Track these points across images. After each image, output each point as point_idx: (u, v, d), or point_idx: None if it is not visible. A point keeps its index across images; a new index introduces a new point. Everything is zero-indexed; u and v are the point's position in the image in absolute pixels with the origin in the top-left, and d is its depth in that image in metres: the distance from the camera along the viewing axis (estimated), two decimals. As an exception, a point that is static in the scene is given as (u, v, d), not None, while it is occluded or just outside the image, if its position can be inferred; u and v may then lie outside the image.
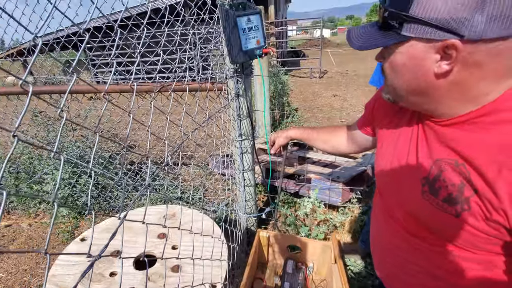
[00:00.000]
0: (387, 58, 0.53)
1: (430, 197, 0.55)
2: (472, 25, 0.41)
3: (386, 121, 0.71)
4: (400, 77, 0.53)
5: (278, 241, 1.29)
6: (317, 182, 2.03)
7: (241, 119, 1.46)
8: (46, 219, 2.45)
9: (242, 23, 1.16)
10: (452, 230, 0.54)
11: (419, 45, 0.47)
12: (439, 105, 0.52)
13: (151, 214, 1.39)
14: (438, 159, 0.54)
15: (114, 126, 2.55)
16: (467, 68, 0.45)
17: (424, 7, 0.44)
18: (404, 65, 0.51)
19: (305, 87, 7.24)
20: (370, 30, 0.53)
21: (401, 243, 0.66)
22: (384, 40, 0.50)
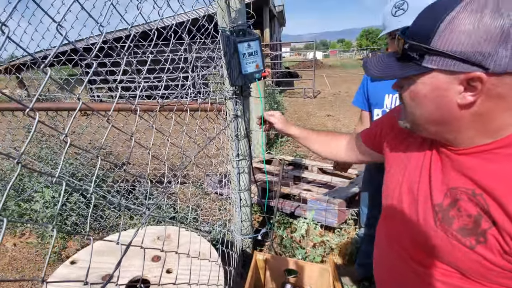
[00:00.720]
0: (406, 87, 0.53)
1: (443, 226, 0.53)
2: (496, 59, 0.42)
3: (396, 144, 0.69)
4: (421, 107, 0.52)
5: (275, 264, 1.27)
6: (313, 203, 2.03)
7: (238, 140, 1.48)
8: (32, 238, 2.35)
9: (243, 48, 1.21)
10: (464, 262, 0.52)
11: (441, 77, 0.47)
12: (459, 135, 0.52)
13: (140, 235, 1.36)
14: (453, 187, 0.53)
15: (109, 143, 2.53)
16: (491, 99, 0.45)
17: (447, 40, 0.44)
18: (425, 96, 0.50)
19: (299, 106, 7.39)
20: (388, 59, 0.53)
21: (405, 271, 0.64)
22: (403, 71, 0.50)
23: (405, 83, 0.53)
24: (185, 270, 1.03)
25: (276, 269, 1.27)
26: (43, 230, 2.20)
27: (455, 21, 0.43)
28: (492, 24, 0.41)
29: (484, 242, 0.48)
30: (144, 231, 1.29)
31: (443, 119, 0.51)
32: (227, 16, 1.29)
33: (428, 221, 0.56)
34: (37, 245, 2.23)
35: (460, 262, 0.53)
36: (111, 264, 1.13)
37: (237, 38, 1.20)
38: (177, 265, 1.12)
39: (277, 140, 4.24)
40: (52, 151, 2.25)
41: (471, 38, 0.42)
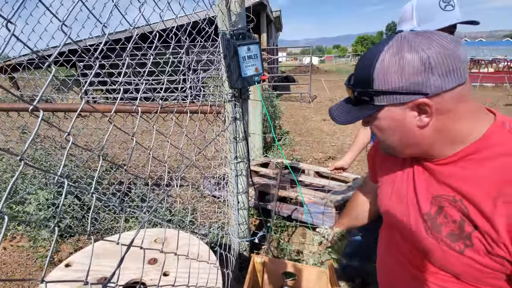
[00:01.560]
0: (372, 122, 0.60)
1: (434, 234, 0.57)
2: (429, 84, 0.49)
3: (384, 161, 0.76)
4: (389, 137, 0.59)
5: (273, 267, 1.26)
6: (310, 206, 2.03)
7: (237, 142, 1.48)
8: (23, 242, 2.29)
9: (243, 51, 1.22)
10: (457, 266, 0.55)
11: (394, 109, 0.54)
12: (431, 150, 0.57)
13: (137, 237, 1.34)
14: (437, 195, 0.57)
15: (106, 145, 2.51)
16: (443, 115, 0.51)
17: (384, 81, 0.52)
18: (389, 127, 0.57)
19: (295, 110, 7.43)
20: (347, 106, 0.61)
21: (406, 277, 0.67)
22: (362, 113, 0.58)
23: (370, 120, 0.59)
24: (183, 272, 1.02)
25: (274, 272, 1.26)
26: (35, 233, 2.16)
27: (384, 65, 0.51)
28: (413, 59, 0.49)
29: (471, 245, 0.51)
30: (143, 233, 1.28)
31: (412, 142, 0.57)
32: (227, 20, 1.30)
33: (420, 230, 0.60)
34: (28, 249, 2.18)
35: (454, 267, 0.55)
36: (107, 267, 1.12)
37: (237, 41, 1.21)
38: (173, 267, 1.11)
39: (274, 143, 4.25)
40: (47, 153, 2.22)
41: (402, 74, 0.50)
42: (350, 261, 1.65)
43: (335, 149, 4.36)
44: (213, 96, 1.37)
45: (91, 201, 2.10)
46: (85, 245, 2.24)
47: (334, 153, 4.11)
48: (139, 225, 0.60)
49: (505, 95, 9.25)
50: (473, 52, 19.17)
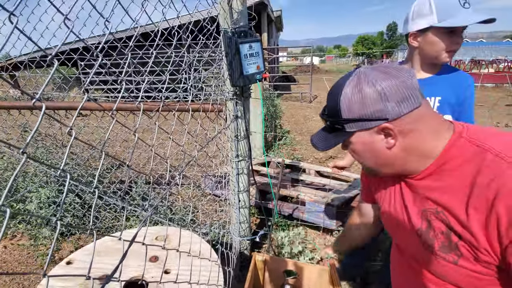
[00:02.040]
0: (348, 147, 0.66)
1: (428, 248, 0.60)
2: (388, 111, 0.55)
3: (379, 185, 0.81)
4: (364, 158, 0.65)
5: (274, 265, 1.26)
6: (311, 205, 2.03)
7: (238, 140, 1.48)
8: (24, 240, 2.29)
9: (244, 49, 1.22)
10: (457, 277, 0.56)
11: (362, 134, 0.60)
12: (405, 167, 0.62)
13: (139, 235, 1.34)
14: (423, 210, 0.61)
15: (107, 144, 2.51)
16: (407, 135, 0.57)
17: (348, 111, 0.58)
18: (362, 150, 0.63)
19: (296, 110, 7.42)
20: (324, 133, 0.69)
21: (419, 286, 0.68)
22: (337, 139, 0.65)
23: (346, 144, 0.66)
24: (184, 270, 1.02)
25: (275, 270, 1.26)
26: (36, 232, 2.16)
27: (347, 97, 0.58)
28: (370, 91, 0.55)
29: (461, 255, 0.54)
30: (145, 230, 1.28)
31: (385, 162, 0.62)
32: (229, 18, 1.30)
33: (418, 246, 0.63)
34: (29, 247, 2.18)
35: (454, 278, 0.57)
36: (108, 264, 1.11)
37: (239, 39, 1.21)
38: (174, 265, 1.11)
39: (274, 142, 4.24)
40: (48, 151, 2.22)
41: (363, 104, 0.57)
42: (351, 260, 1.64)
43: (335, 148, 4.35)
44: (214, 94, 1.36)
45: (92, 200, 2.10)
46: (86, 243, 2.24)
47: (335, 153, 4.10)
48: (141, 223, 0.60)
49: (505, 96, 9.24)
50: (473, 53, 19.15)
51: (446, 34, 1.03)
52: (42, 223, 2.09)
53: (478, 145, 0.54)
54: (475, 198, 0.50)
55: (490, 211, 0.47)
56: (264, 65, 1.33)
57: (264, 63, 1.35)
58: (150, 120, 2.02)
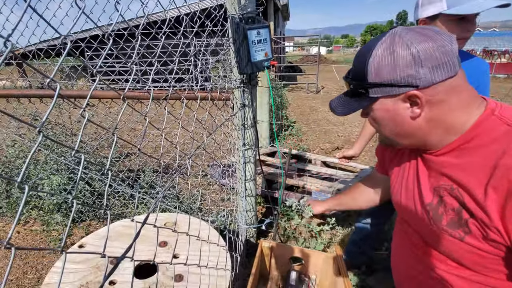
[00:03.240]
0: (368, 114, 0.63)
1: (436, 224, 0.59)
2: (420, 77, 0.51)
3: (394, 158, 0.78)
4: (384, 127, 0.62)
5: (280, 252, 1.28)
6: (317, 194, 2.03)
7: (245, 129, 1.48)
8: (36, 226, 2.37)
9: (252, 35, 1.20)
10: (460, 254, 0.57)
11: (387, 101, 0.57)
12: (427, 141, 0.59)
13: (152, 222, 1.37)
14: (436, 186, 0.60)
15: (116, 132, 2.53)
16: (435, 106, 0.54)
17: (376, 74, 0.55)
18: (383, 118, 0.60)
19: (302, 101, 7.35)
20: (345, 98, 0.64)
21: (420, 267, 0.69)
22: (358, 104, 0.61)
23: (367, 111, 0.63)
24: (192, 255, 1.04)
25: (281, 257, 1.28)
26: (48, 217, 2.22)
27: (376, 59, 0.54)
28: (404, 54, 0.51)
29: (470, 232, 0.53)
30: (155, 216, 1.30)
31: (406, 132, 0.59)
32: (236, 3, 1.27)
33: (424, 221, 0.62)
34: (41, 233, 2.25)
35: (457, 254, 0.57)
36: (119, 248, 1.15)
37: (247, 25, 1.19)
38: (183, 250, 1.13)
39: (280, 133, 4.23)
40: (58, 139, 2.26)
41: (393, 68, 0.53)
42: (357, 248, 1.66)
43: (342, 139, 4.32)
44: (222, 82, 1.36)
45: (101, 186, 2.15)
46: (96, 229, 2.30)
47: (341, 144, 4.08)
48: (153, 204, 0.61)
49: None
50: (486, 43, 18.57)
51: (456, 21, 0.99)
52: (54, 209, 2.14)
53: (509, 124, 0.51)
54: (497, 179, 0.48)
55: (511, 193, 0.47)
56: (272, 52, 1.31)
57: (273, 50, 1.33)
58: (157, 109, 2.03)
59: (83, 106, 0.50)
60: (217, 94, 1.26)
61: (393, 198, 0.77)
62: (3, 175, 0.35)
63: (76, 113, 2.35)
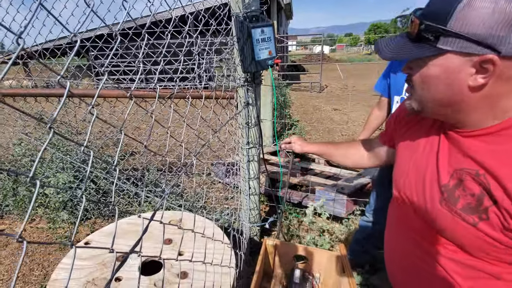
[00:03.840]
0: (416, 69, 0.54)
1: (449, 205, 0.56)
2: (509, 42, 0.43)
3: (406, 131, 0.72)
4: (431, 89, 0.53)
5: (284, 250, 1.28)
6: (321, 193, 2.03)
7: (249, 127, 1.48)
8: (42, 224, 2.40)
9: (256, 34, 1.20)
10: (467, 238, 0.55)
11: (455, 58, 0.48)
12: (467, 117, 0.53)
13: (157, 219, 1.38)
14: (459, 169, 0.55)
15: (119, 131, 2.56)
16: (501, 82, 0.47)
17: (463, 22, 0.45)
18: (437, 78, 0.51)
19: (305, 100, 7.34)
20: (401, 40, 0.54)
21: (416, 251, 0.67)
22: (417, 51, 0.51)
23: (415, 65, 0.54)
24: (197, 252, 1.05)
25: (285, 255, 1.28)
26: (54, 215, 2.25)
27: (472, 4, 0.44)
28: (507, 8, 0.42)
29: (487, 219, 0.51)
30: (161, 214, 1.31)
31: (452, 101, 0.52)
32: (240, 2, 1.28)
33: (434, 201, 0.59)
34: (47, 230, 2.28)
35: (463, 238, 0.55)
36: (124, 245, 1.16)
37: (251, 24, 1.19)
38: (188, 248, 1.14)
39: (283, 132, 4.23)
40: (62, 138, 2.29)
41: (487, 21, 0.43)
42: (360, 247, 1.66)
43: (345, 138, 4.31)
44: (226, 80, 1.36)
45: (106, 185, 2.17)
46: (101, 227, 2.33)
47: (345, 143, 4.06)
48: (159, 201, 0.61)
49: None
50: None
51: None
52: (60, 207, 2.17)
53: None
54: None
55: None
56: (276, 50, 1.31)
57: (276, 48, 1.33)
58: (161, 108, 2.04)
59: (91, 103, 0.50)
60: (221, 93, 1.27)
61: (396, 173, 0.72)
62: (16, 171, 0.35)
63: (81, 113, 2.37)
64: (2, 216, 2.51)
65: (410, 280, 0.71)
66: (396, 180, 0.72)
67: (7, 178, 2.40)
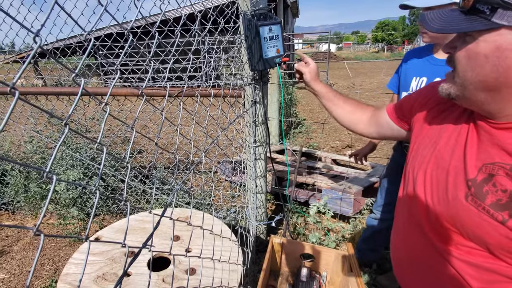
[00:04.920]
0: (462, 46, 0.50)
1: (476, 201, 0.52)
2: None
3: (428, 119, 0.67)
4: (476, 68, 0.48)
5: (291, 248, 1.28)
6: (328, 192, 2.02)
7: (256, 126, 1.48)
8: (53, 220, 2.45)
9: (264, 32, 1.20)
10: (492, 236, 0.52)
11: (509, 36, 0.43)
12: (506, 106, 0.49)
13: (165, 217, 1.39)
14: (489, 163, 0.51)
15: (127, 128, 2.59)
16: None
17: None
18: (485, 56, 0.46)
19: (311, 98, 7.29)
20: (450, 13, 0.50)
21: (426, 250, 0.64)
22: (469, 24, 0.46)
23: (461, 42, 0.50)
24: (205, 250, 1.06)
25: (292, 253, 1.28)
26: (64, 211, 2.30)
27: None
28: None
29: None
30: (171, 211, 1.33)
31: (496, 85, 0.47)
32: (248, 0, 1.28)
33: (458, 196, 0.55)
34: (57, 226, 2.33)
35: (488, 237, 0.52)
36: (134, 242, 1.18)
37: (259, 22, 1.19)
38: (196, 245, 1.15)
39: (290, 131, 4.22)
40: (73, 135, 2.33)
41: None
42: (368, 245, 1.64)
43: (352, 137, 4.27)
44: (234, 79, 1.37)
45: (115, 182, 2.20)
46: (110, 223, 2.37)
47: (352, 142, 4.04)
48: (170, 197, 0.62)
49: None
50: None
51: None
52: (70, 204, 2.21)
53: None
54: None
55: None
56: (284, 49, 1.31)
57: (284, 47, 1.32)
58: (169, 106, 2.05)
59: (104, 100, 0.51)
60: (229, 91, 1.27)
61: (411, 163, 0.66)
62: (31, 165, 0.36)
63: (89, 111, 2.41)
64: (14, 212, 2.57)
65: (419, 281, 0.68)
66: (410, 171, 0.67)
67: (19, 175, 2.45)
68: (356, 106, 0.96)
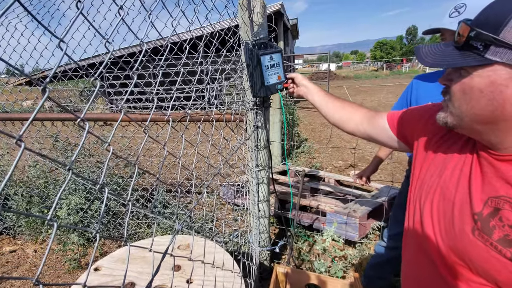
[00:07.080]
0: (457, 80, 0.51)
1: (483, 236, 0.51)
2: None
3: (433, 144, 0.66)
4: (472, 102, 0.49)
5: (296, 278, 1.24)
6: (332, 216, 1.98)
7: (258, 150, 1.49)
8: (53, 245, 2.41)
9: (265, 60, 1.23)
10: (501, 273, 0.50)
11: (503, 71, 0.45)
12: (506, 138, 0.49)
13: (163, 244, 1.36)
14: (495, 196, 0.50)
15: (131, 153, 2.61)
16: None
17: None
18: (480, 91, 0.47)
19: (313, 118, 7.36)
20: (445, 49, 0.51)
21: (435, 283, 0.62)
22: (462, 60, 0.47)
23: (457, 76, 0.51)
24: (207, 280, 1.02)
25: (296, 283, 1.24)
26: (65, 237, 2.26)
27: None
28: None
29: None
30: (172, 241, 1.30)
31: (493, 118, 0.48)
32: (250, 30, 1.33)
33: (465, 231, 0.53)
34: (57, 252, 2.28)
35: (497, 273, 0.50)
36: (134, 272, 1.14)
37: (260, 51, 1.23)
38: (197, 275, 1.11)
39: (292, 151, 4.22)
40: (76, 160, 2.34)
41: None
42: (375, 273, 1.58)
43: (355, 156, 4.25)
44: (236, 104, 1.39)
45: (116, 206, 2.18)
46: (110, 249, 2.32)
47: (355, 161, 4.01)
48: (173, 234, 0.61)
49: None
50: None
51: None
52: (70, 229, 2.18)
53: None
54: None
55: None
56: (285, 75, 1.34)
57: (285, 73, 1.36)
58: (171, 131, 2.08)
59: (107, 141, 0.52)
60: (231, 116, 1.29)
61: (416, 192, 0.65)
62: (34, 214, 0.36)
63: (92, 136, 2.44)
64: (14, 236, 2.54)
65: None
66: (417, 200, 0.65)
67: (21, 199, 2.45)
68: (349, 105, 0.96)
